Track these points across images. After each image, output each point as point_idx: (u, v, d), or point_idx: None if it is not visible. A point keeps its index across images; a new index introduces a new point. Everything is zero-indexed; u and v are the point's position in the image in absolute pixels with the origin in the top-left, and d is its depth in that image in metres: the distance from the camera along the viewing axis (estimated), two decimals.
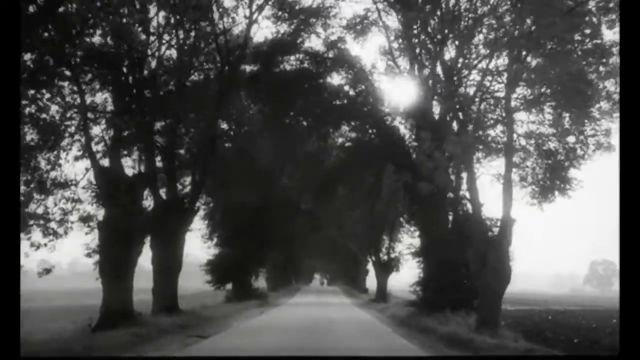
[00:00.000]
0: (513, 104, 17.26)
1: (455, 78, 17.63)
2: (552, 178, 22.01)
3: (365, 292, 58.08)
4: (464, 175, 23.16)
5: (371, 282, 59.93)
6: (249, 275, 37.81)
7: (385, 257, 44.18)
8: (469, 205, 23.85)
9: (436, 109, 22.52)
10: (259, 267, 40.24)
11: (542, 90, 19.01)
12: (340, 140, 26.75)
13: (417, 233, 25.92)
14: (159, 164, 20.66)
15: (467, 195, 16.93)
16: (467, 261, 22.75)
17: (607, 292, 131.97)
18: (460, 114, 17.08)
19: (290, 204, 34.16)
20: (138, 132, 17.92)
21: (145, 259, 20.78)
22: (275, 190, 31.95)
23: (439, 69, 19.99)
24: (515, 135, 18.37)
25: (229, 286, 36.50)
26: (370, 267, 56.87)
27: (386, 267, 43.97)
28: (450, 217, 23.58)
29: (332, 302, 43.76)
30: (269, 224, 34.41)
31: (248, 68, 23.77)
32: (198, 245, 37.26)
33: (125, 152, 17.92)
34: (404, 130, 23.42)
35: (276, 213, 34.02)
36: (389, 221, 41.88)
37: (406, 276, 53.07)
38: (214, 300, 33.44)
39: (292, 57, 24.57)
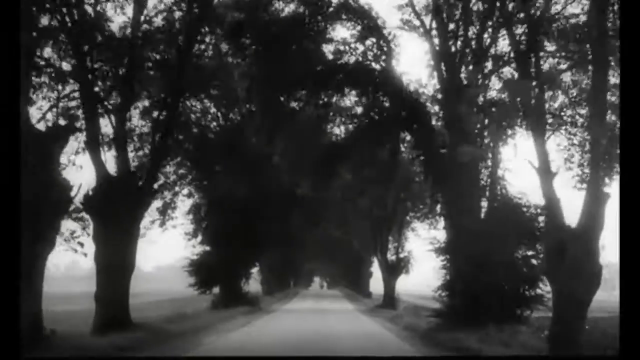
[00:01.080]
0: None
1: None
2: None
3: (368, 297, 53.50)
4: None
5: (375, 285, 55.54)
6: (238, 278, 33.24)
7: (394, 257, 39.59)
8: (508, 188, 19.32)
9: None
10: (250, 269, 35.65)
11: None
12: (344, 107, 21.68)
13: (442, 224, 21.01)
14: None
15: (534, 163, 12.03)
16: (507, 260, 18.19)
17: (611, 297, 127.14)
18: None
19: (285, 193, 29.38)
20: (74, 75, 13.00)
21: None
22: (268, 176, 27.22)
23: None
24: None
25: (217, 290, 31.88)
26: (374, 268, 52.81)
27: (394, 269, 39.48)
28: (484, 204, 18.85)
29: (333, 308, 38.69)
30: (261, 218, 29.83)
31: (229, 16, 18.73)
32: (182, 244, 33.22)
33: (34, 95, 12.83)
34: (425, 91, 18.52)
35: (269, 205, 29.38)
36: (398, 215, 37.31)
37: (415, 279, 48.79)
38: (198, 306, 28.72)
39: (285, 4, 19.54)
